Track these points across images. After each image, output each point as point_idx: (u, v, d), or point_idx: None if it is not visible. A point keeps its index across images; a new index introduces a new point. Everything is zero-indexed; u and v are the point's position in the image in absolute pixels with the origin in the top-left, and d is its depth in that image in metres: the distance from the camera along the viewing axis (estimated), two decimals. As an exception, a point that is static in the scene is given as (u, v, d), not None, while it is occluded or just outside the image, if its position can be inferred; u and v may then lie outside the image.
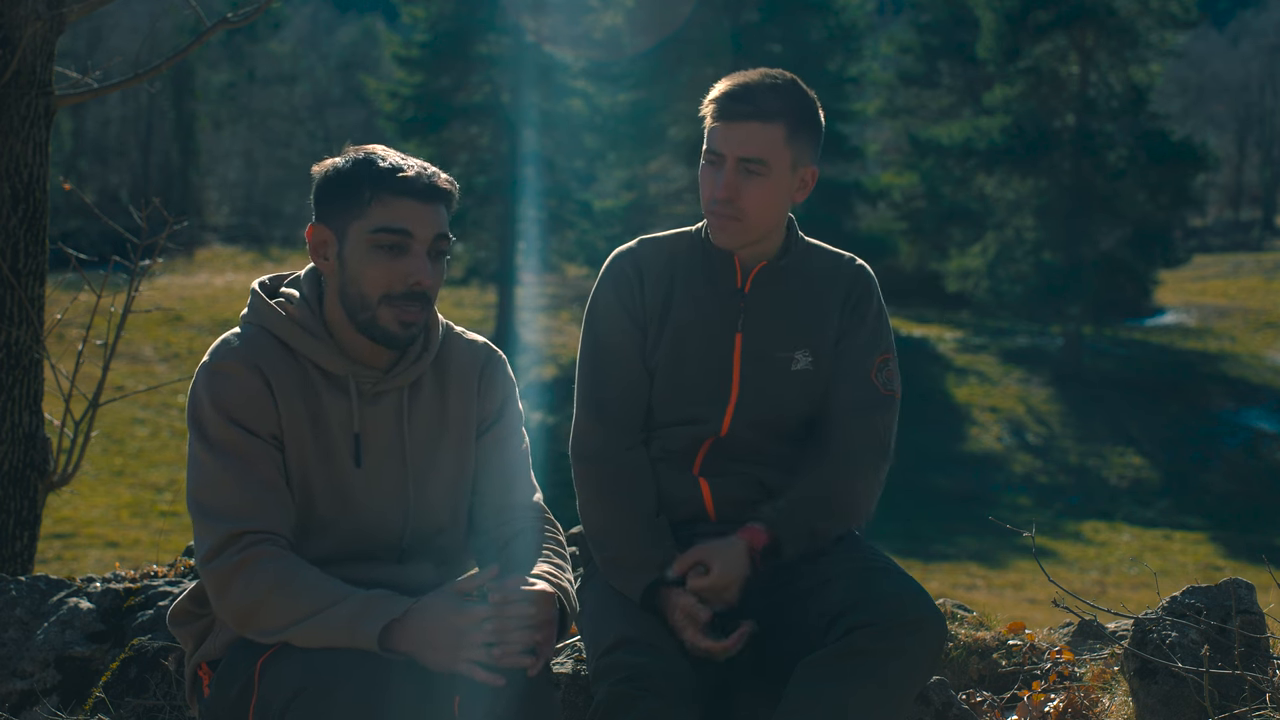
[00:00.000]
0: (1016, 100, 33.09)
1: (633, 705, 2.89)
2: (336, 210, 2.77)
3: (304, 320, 2.80)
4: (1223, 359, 32.81)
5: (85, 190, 36.54)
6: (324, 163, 2.83)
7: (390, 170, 2.75)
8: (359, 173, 2.76)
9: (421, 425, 2.88)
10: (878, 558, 3.13)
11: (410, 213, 2.74)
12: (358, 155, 2.79)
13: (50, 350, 4.91)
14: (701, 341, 3.25)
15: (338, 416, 2.80)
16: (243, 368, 2.75)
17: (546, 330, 32.04)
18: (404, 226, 2.74)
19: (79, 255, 5.00)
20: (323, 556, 2.78)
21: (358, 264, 2.75)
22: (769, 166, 3.14)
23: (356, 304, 2.77)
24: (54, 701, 3.72)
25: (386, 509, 2.84)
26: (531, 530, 2.92)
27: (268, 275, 2.94)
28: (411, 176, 2.75)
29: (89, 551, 16.67)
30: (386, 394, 2.85)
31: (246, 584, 2.65)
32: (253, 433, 2.73)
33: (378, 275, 2.74)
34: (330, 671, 2.54)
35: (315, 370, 2.80)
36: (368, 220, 2.74)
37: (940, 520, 22.44)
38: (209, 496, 2.71)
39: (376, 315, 2.76)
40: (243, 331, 2.82)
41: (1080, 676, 3.65)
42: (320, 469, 2.79)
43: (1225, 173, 49.21)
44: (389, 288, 2.75)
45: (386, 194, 2.74)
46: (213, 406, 2.73)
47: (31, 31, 4.63)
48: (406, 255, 2.74)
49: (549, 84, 32.33)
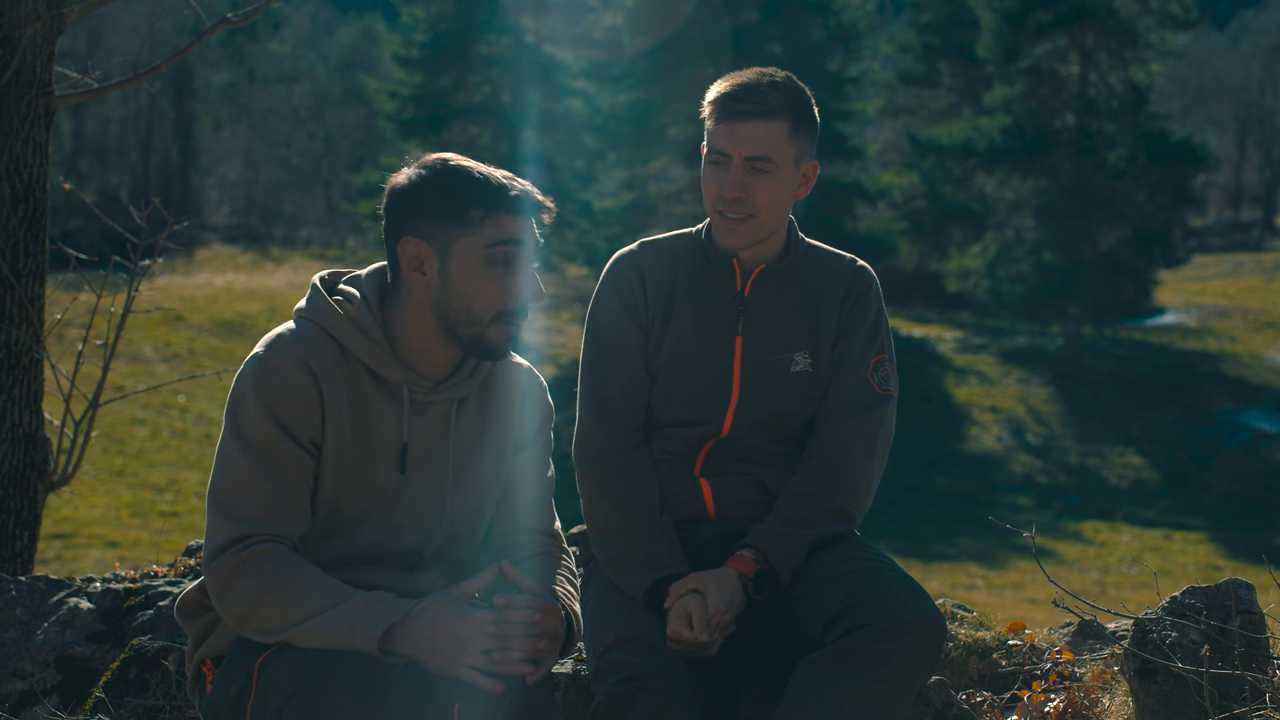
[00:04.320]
0: (1016, 100, 33.10)
1: (633, 705, 2.89)
2: (436, 226, 2.73)
3: (363, 322, 2.77)
4: (1223, 359, 32.81)
5: (85, 190, 36.54)
6: (404, 174, 2.78)
7: (499, 188, 2.73)
8: (464, 189, 2.73)
9: (464, 439, 2.87)
10: (877, 558, 3.13)
11: (519, 226, 2.74)
12: (446, 167, 2.76)
13: (50, 350, 4.92)
14: (702, 344, 3.26)
15: (386, 424, 2.78)
16: (294, 365, 2.71)
17: (546, 330, 32.03)
18: (519, 238, 2.73)
19: (79, 255, 4.99)
20: (338, 559, 2.77)
21: (470, 280, 2.73)
22: (775, 163, 3.16)
23: (462, 319, 2.74)
24: (54, 701, 3.72)
25: (418, 519, 2.83)
26: (545, 555, 2.93)
27: (327, 270, 2.90)
28: (516, 192, 2.74)
29: (89, 551, 16.67)
30: (435, 405, 2.83)
31: (246, 583, 2.65)
32: (291, 435, 2.71)
33: (494, 292, 2.73)
34: (327, 674, 2.54)
35: (367, 374, 2.77)
36: (479, 237, 2.72)
37: (940, 520, 22.43)
38: (229, 493, 2.70)
39: (486, 332, 2.75)
40: (298, 327, 2.78)
41: (1080, 676, 3.65)
42: (358, 475, 2.77)
43: (1225, 173, 49.22)
44: (503, 304, 2.74)
45: (500, 212, 2.72)
46: (258, 402, 2.70)
47: (31, 31, 4.63)
48: (518, 272, 2.74)
49: (549, 84, 32.34)
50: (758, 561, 3.12)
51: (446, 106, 33.04)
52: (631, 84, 32.73)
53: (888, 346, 3.31)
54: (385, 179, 2.82)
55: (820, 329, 3.27)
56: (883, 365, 3.28)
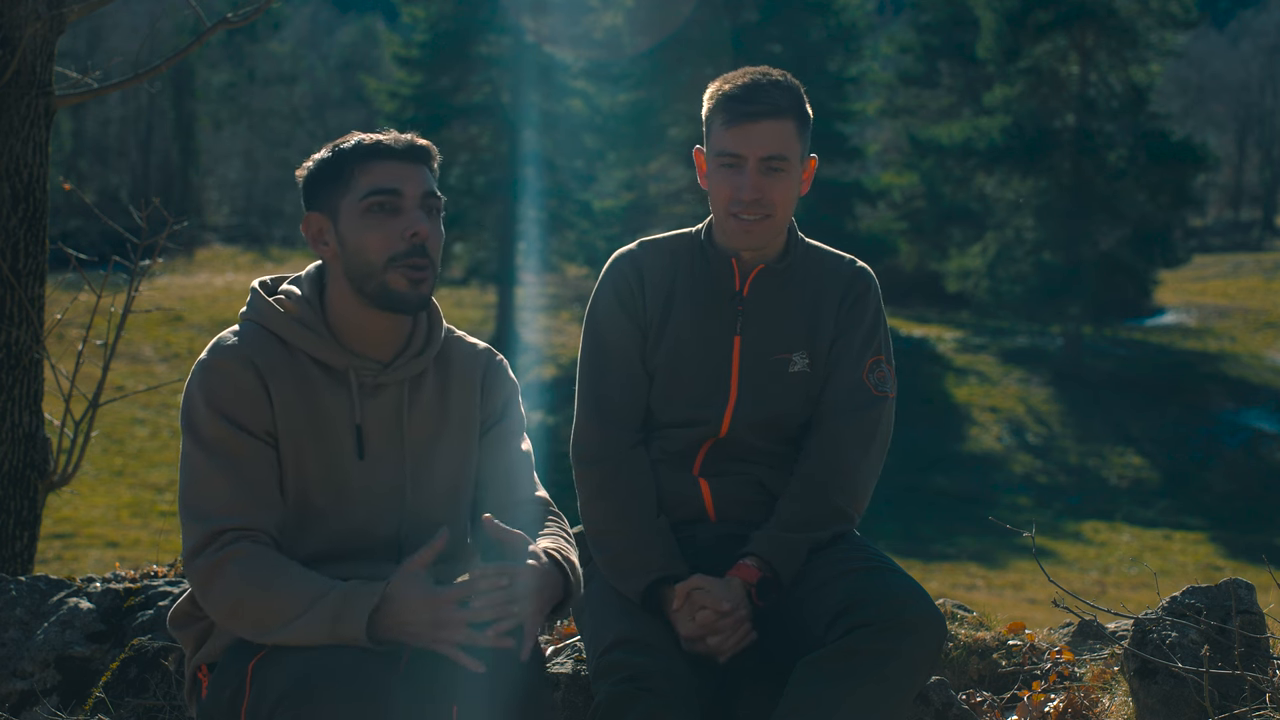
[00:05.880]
0: (1016, 100, 33.10)
1: (633, 705, 2.89)
2: (324, 194, 2.83)
3: (302, 316, 2.83)
4: (1223, 359, 32.81)
5: (85, 190, 36.52)
6: (305, 163, 2.89)
7: (373, 143, 2.81)
8: (338, 153, 2.82)
9: (422, 420, 2.89)
10: (877, 558, 3.13)
11: (395, 172, 2.80)
12: (333, 143, 2.86)
13: (50, 350, 4.91)
14: (700, 344, 3.26)
15: (337, 410, 2.82)
16: (237, 364, 2.77)
17: (546, 330, 32.03)
18: (392, 186, 2.78)
19: (79, 255, 4.99)
20: (319, 553, 2.79)
21: (356, 234, 2.79)
22: (789, 162, 3.18)
23: (363, 274, 2.79)
24: (54, 701, 3.72)
25: (383, 503, 2.85)
26: (534, 524, 2.92)
27: (269, 275, 2.97)
28: (388, 140, 2.81)
29: (89, 551, 16.67)
30: (387, 387, 2.86)
31: (225, 583, 2.67)
32: (245, 429, 2.75)
33: (377, 239, 2.78)
34: (321, 675, 2.55)
35: (314, 365, 2.82)
36: (356, 191, 2.79)
37: (940, 520, 22.43)
38: (195, 494, 2.74)
39: (386, 280, 2.78)
40: (240, 329, 2.85)
41: (1080, 676, 3.65)
42: (318, 464, 2.80)
43: (1225, 173, 49.20)
44: (390, 248, 2.78)
45: (369, 161, 2.79)
46: (206, 403, 2.75)
47: (31, 31, 4.63)
48: (401, 214, 2.79)
49: (549, 84, 32.33)
50: (760, 569, 3.13)
51: (446, 106, 33.01)
52: (631, 84, 32.73)
53: (885, 348, 3.31)
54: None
55: (818, 329, 3.27)
56: (879, 366, 3.28)
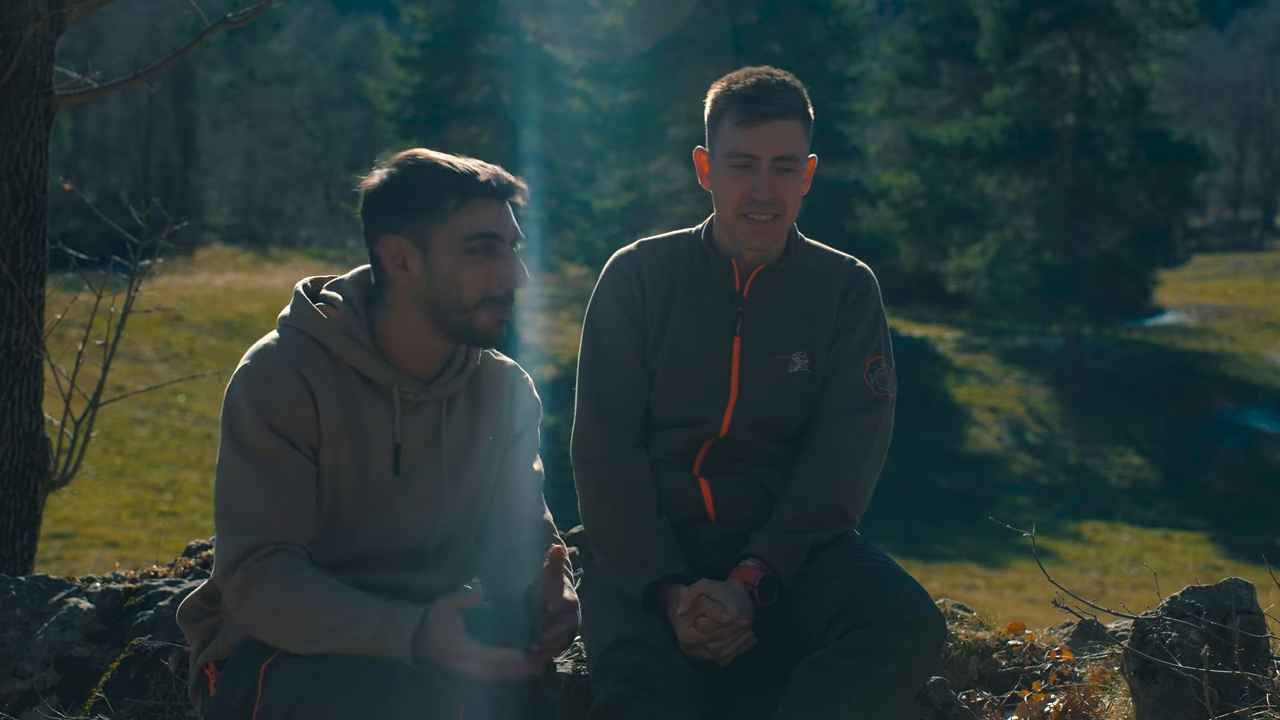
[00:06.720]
0: (1016, 100, 33.09)
1: (633, 705, 2.89)
2: (412, 221, 2.75)
3: (348, 326, 2.78)
4: (1223, 359, 32.80)
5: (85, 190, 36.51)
6: (376, 176, 2.80)
7: (468, 175, 2.76)
8: (434, 180, 2.75)
9: (455, 438, 2.88)
10: (876, 557, 3.13)
11: (495, 213, 2.77)
12: (414, 162, 2.78)
13: (50, 350, 4.91)
14: (700, 345, 3.26)
15: (378, 427, 2.80)
16: (285, 374, 2.73)
17: (546, 330, 32.01)
18: (495, 231, 2.76)
19: (79, 255, 4.99)
20: (344, 560, 2.79)
21: (452, 270, 2.74)
22: (799, 161, 3.20)
23: (450, 308, 2.76)
24: (54, 701, 3.72)
25: (416, 518, 2.85)
26: (535, 546, 2.93)
27: (310, 277, 2.92)
28: (487, 177, 2.77)
29: (89, 551, 16.66)
30: (425, 405, 2.84)
31: (260, 600, 2.66)
32: (289, 441, 2.72)
33: (475, 278, 2.75)
34: (332, 679, 2.55)
35: (357, 377, 2.79)
36: (455, 228, 2.74)
37: (940, 520, 22.43)
38: (235, 504, 2.71)
39: (474, 319, 2.76)
40: (282, 335, 2.79)
41: (1080, 676, 3.65)
42: (353, 478, 2.79)
43: (1225, 173, 49.18)
44: (486, 289, 2.75)
45: (470, 200, 2.75)
46: (252, 412, 2.71)
47: (31, 31, 4.63)
48: (499, 258, 2.76)
49: (549, 84, 32.33)
50: (762, 570, 3.12)
51: (446, 106, 33.02)
52: (631, 84, 32.72)
53: (885, 348, 3.31)
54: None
55: (818, 330, 3.27)
56: (879, 366, 3.28)
